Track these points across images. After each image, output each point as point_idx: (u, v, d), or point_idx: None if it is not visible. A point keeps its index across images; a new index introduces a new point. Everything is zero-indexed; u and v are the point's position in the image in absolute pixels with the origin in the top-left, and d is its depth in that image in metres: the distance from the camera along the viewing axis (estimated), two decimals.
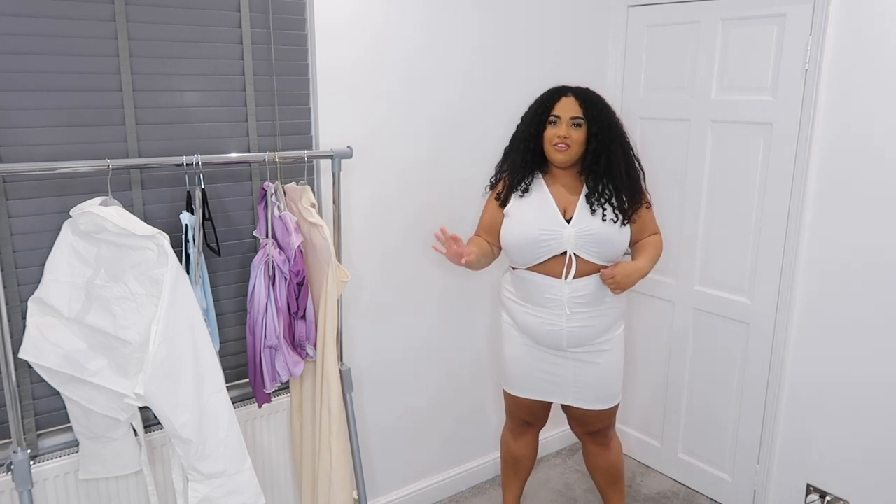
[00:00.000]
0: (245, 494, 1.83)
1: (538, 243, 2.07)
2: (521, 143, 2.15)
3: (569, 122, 2.06)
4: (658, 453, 3.03)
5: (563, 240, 2.06)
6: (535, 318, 2.16)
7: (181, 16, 1.93)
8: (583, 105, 2.07)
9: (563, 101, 2.08)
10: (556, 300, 2.10)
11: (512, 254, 2.16)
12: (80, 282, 1.75)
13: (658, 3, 2.73)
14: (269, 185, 2.00)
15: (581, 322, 2.13)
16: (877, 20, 2.13)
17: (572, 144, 2.06)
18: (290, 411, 2.27)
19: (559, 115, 2.07)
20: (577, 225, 2.07)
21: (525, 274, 2.15)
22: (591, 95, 2.11)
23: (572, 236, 2.06)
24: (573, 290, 2.09)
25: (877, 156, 2.18)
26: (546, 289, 2.11)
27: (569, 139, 2.05)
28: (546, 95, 2.13)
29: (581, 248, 2.07)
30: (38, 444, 1.92)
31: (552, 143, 2.08)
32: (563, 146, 2.06)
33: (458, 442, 2.86)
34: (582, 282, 2.09)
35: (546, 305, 2.13)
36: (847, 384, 2.34)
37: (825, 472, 2.46)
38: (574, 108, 2.06)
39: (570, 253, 2.06)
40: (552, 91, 2.13)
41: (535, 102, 2.15)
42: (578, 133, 2.06)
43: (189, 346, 1.71)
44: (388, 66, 2.31)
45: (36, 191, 1.80)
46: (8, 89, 1.72)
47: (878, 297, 2.23)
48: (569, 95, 2.09)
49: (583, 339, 2.15)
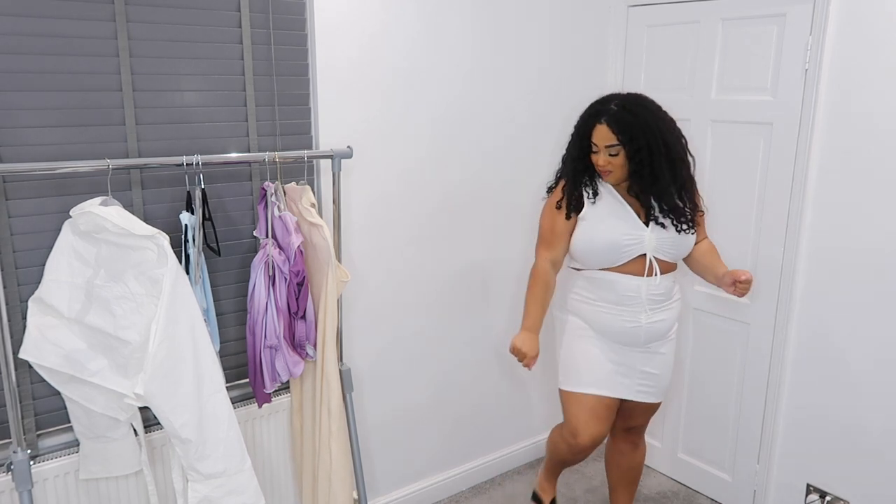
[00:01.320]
0: (245, 494, 1.83)
1: (622, 247, 2.11)
2: (572, 163, 2.17)
3: (605, 150, 2.06)
4: (658, 453, 3.02)
5: (644, 243, 2.11)
6: (614, 316, 2.18)
7: (181, 16, 1.93)
8: (616, 131, 2.03)
9: (597, 130, 2.06)
10: (636, 297, 2.15)
11: (588, 258, 2.17)
12: (80, 282, 1.75)
13: (658, 3, 2.73)
14: (269, 185, 2.00)
15: (658, 317, 2.19)
16: (877, 20, 2.13)
17: (614, 170, 2.08)
18: (290, 411, 2.27)
19: (596, 144, 2.08)
20: (654, 229, 2.12)
21: (601, 274, 2.18)
22: (625, 117, 2.03)
23: (652, 240, 2.11)
24: (652, 288, 2.15)
25: (877, 156, 2.17)
26: (626, 287, 2.15)
27: (610, 165, 2.07)
28: (584, 119, 2.12)
29: (659, 250, 2.13)
30: (38, 444, 1.92)
31: (597, 168, 2.12)
32: (606, 174, 2.10)
33: (458, 442, 2.86)
34: (659, 280, 2.15)
35: (625, 304, 2.16)
36: (847, 384, 2.34)
37: (825, 472, 2.46)
38: (607, 137, 2.04)
39: (649, 255, 2.12)
40: (588, 115, 2.11)
41: (577, 124, 2.15)
42: (617, 159, 2.06)
43: (189, 346, 1.71)
44: (388, 66, 2.31)
45: (36, 191, 1.80)
46: (8, 89, 1.72)
47: (878, 297, 2.23)
48: (602, 122, 2.05)
49: (659, 334, 2.22)
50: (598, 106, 2.10)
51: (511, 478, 2.99)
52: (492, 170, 2.67)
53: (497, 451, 3.00)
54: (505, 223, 2.76)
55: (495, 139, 2.66)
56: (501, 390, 2.95)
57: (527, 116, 2.71)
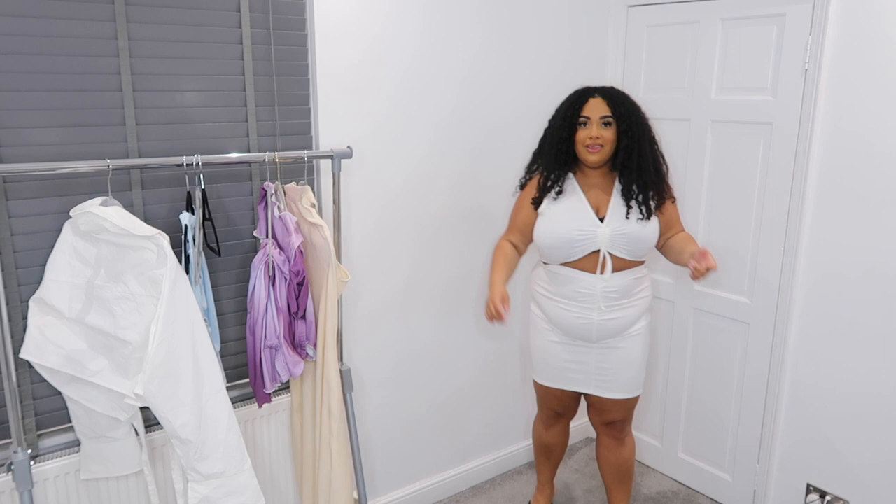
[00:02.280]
0: (245, 495, 1.83)
1: (573, 243, 2.13)
2: (552, 146, 2.19)
3: (599, 122, 2.10)
4: (658, 453, 3.03)
5: (596, 239, 2.13)
6: (567, 311, 2.22)
7: (181, 16, 1.93)
8: (610, 104, 2.10)
9: (591, 103, 2.11)
10: (589, 294, 2.17)
11: (546, 252, 2.21)
12: (81, 282, 1.75)
13: (658, 3, 2.73)
14: (269, 186, 2.00)
15: (612, 315, 2.19)
16: (876, 20, 2.13)
17: (605, 143, 2.10)
18: (291, 411, 2.27)
19: (588, 116, 2.11)
20: (610, 224, 2.13)
21: (558, 269, 2.21)
22: (617, 94, 2.13)
23: (606, 235, 2.12)
24: (606, 285, 2.15)
25: (877, 156, 2.18)
26: (579, 283, 2.17)
27: (601, 139, 2.10)
28: (573, 97, 2.16)
29: (614, 246, 2.13)
30: (38, 444, 1.92)
31: (584, 145, 2.12)
32: (595, 147, 2.10)
33: (458, 442, 2.86)
34: (614, 277, 2.15)
35: (578, 299, 2.19)
36: (847, 384, 2.34)
37: (825, 472, 2.46)
38: (602, 108, 2.10)
39: (603, 251, 2.13)
40: (579, 93, 2.16)
41: (563, 105, 2.18)
42: (609, 132, 2.10)
43: (189, 347, 1.71)
44: (388, 66, 2.31)
45: (36, 191, 1.80)
46: (8, 89, 1.72)
47: (878, 297, 2.23)
48: (595, 96, 2.12)
49: (612, 331, 2.22)
50: (583, 89, 2.16)
51: (511, 478, 2.99)
52: (492, 169, 2.67)
53: (497, 451, 3.00)
54: (505, 224, 2.75)
55: (495, 139, 2.66)
56: (501, 390, 2.95)
57: (527, 117, 2.71)
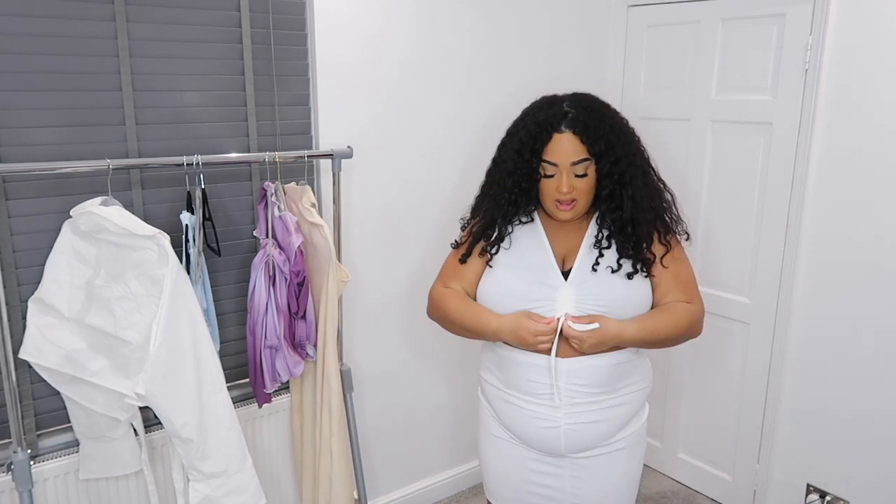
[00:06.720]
0: (245, 494, 1.83)
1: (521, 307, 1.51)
2: (500, 195, 1.59)
3: (570, 170, 1.49)
4: (658, 453, 3.03)
5: (555, 303, 1.50)
6: (521, 409, 1.57)
7: (181, 16, 1.93)
8: (585, 139, 1.48)
9: (556, 142, 1.48)
10: (545, 385, 1.52)
11: None
12: (80, 282, 1.75)
13: (658, 3, 2.73)
14: (269, 185, 2.00)
15: (587, 417, 1.53)
16: (876, 20, 2.13)
17: (579, 197, 1.52)
18: (291, 411, 2.27)
19: (555, 163, 1.50)
20: (576, 281, 1.53)
21: (506, 350, 1.56)
22: (594, 116, 1.50)
23: (570, 297, 1.51)
24: (572, 372, 1.50)
25: (877, 155, 2.17)
26: (530, 369, 1.52)
27: (575, 191, 1.51)
28: (532, 128, 1.52)
29: (583, 313, 1.50)
30: (38, 444, 1.92)
31: (552, 199, 1.54)
32: (567, 205, 1.52)
33: (458, 442, 2.86)
34: (584, 360, 1.51)
35: (533, 392, 1.53)
36: (847, 384, 2.34)
37: (825, 472, 2.46)
38: (574, 149, 1.48)
39: (562, 320, 1.48)
40: (536, 126, 1.51)
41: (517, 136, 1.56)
42: (585, 182, 1.51)
43: (189, 347, 1.71)
44: (388, 66, 2.31)
45: (36, 191, 1.80)
46: (8, 89, 1.72)
47: (879, 297, 2.23)
48: (563, 131, 1.48)
49: (590, 441, 1.55)
50: (544, 111, 1.52)
51: None
52: None
53: None
54: None
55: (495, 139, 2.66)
56: None
57: None
